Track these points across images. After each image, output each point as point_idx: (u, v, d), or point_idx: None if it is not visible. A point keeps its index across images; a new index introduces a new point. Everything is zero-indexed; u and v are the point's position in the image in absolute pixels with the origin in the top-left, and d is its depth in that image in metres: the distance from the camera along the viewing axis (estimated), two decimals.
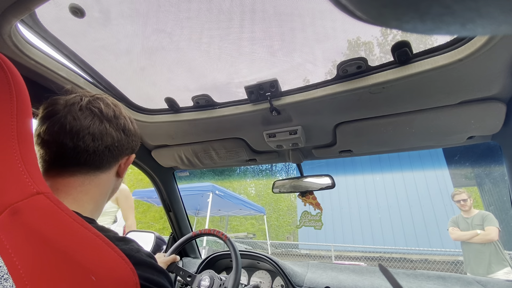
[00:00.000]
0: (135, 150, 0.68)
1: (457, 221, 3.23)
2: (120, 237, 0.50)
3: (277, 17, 0.74)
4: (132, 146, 0.65)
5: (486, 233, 2.92)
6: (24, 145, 0.41)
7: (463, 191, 3.21)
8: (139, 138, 0.68)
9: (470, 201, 3.16)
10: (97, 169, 0.58)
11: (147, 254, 0.50)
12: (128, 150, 0.64)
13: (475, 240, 2.97)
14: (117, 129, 0.59)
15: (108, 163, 0.60)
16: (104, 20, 0.76)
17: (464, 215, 3.19)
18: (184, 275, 1.17)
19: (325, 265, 1.41)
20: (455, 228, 3.20)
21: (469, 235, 3.02)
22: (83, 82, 0.87)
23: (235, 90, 1.02)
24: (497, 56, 0.64)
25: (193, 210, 9.13)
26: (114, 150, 0.59)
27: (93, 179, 0.57)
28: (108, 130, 0.57)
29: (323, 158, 1.26)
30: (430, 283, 1.14)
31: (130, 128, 0.63)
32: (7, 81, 0.40)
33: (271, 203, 16.84)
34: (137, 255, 0.47)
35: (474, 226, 3.04)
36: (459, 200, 3.18)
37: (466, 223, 3.13)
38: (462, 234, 3.10)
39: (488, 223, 2.95)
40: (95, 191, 0.58)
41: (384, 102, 0.84)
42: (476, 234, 2.97)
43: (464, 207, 3.15)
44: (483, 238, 2.92)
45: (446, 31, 0.16)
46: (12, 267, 0.36)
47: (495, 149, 5.02)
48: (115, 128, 0.59)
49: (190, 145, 1.26)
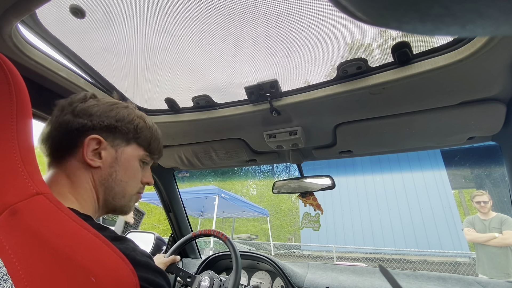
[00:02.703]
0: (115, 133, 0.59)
1: (473, 222, 3.15)
2: (116, 236, 0.49)
3: (277, 17, 0.74)
4: (94, 125, 0.57)
5: (504, 237, 2.84)
6: (24, 146, 0.41)
7: (484, 193, 3.13)
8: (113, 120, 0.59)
9: (490, 203, 3.09)
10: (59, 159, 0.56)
11: (143, 254, 0.49)
12: (89, 132, 0.56)
13: (492, 243, 2.90)
14: (66, 113, 0.56)
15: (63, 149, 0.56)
16: (104, 20, 0.76)
17: (481, 216, 3.11)
18: (184, 276, 1.16)
19: (325, 266, 1.40)
20: (471, 229, 3.12)
21: (486, 238, 2.95)
22: (83, 83, 0.87)
23: (235, 90, 1.02)
24: (497, 56, 0.64)
25: (197, 212, 9.20)
26: (61, 135, 0.55)
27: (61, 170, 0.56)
28: (55, 118, 0.56)
29: (323, 158, 1.26)
30: (430, 284, 1.14)
31: (82, 108, 0.57)
32: (7, 81, 0.40)
33: (272, 204, 16.84)
34: (132, 254, 0.46)
35: (492, 229, 2.97)
36: (480, 202, 3.10)
37: (483, 224, 3.06)
38: (479, 236, 3.01)
39: (507, 227, 2.88)
40: (65, 183, 0.55)
41: (384, 102, 0.84)
42: (493, 237, 2.89)
43: (484, 209, 3.08)
44: (501, 242, 2.84)
45: (446, 32, 0.16)
46: (12, 268, 0.35)
47: (494, 150, 5.01)
48: (65, 113, 0.56)
49: (190, 146, 1.26)
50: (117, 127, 0.59)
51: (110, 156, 0.59)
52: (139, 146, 0.64)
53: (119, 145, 0.60)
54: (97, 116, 0.57)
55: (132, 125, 0.62)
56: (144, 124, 0.64)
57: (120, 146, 0.61)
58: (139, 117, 0.64)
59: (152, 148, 0.67)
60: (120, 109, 0.61)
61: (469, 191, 9.88)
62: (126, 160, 0.61)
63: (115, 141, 0.60)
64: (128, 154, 0.62)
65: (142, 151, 0.65)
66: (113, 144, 0.60)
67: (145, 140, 0.65)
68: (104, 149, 0.58)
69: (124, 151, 0.61)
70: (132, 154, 0.62)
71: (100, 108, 0.59)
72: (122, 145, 0.61)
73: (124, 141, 0.61)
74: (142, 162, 0.66)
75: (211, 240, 7.87)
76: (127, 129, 0.61)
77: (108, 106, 0.60)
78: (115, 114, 0.60)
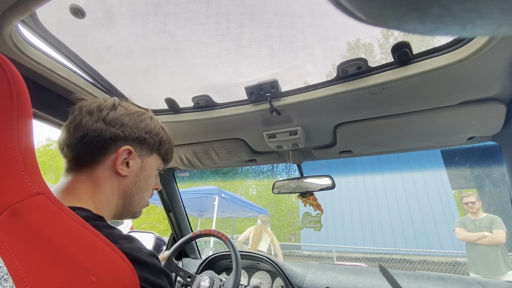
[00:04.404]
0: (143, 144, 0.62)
1: (464, 222, 3.30)
2: (124, 235, 0.50)
3: (277, 17, 0.74)
4: (126, 136, 0.58)
5: (494, 236, 2.98)
6: (25, 146, 0.41)
7: (472, 194, 3.29)
8: (143, 131, 0.62)
9: (478, 204, 3.24)
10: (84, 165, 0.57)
11: (149, 254, 0.50)
12: (121, 142, 0.58)
13: (483, 242, 3.04)
14: (97, 120, 0.57)
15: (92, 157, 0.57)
16: (104, 20, 0.76)
17: (471, 217, 3.26)
18: (184, 276, 1.16)
19: (325, 266, 1.41)
20: (462, 229, 3.27)
21: (476, 237, 3.09)
22: (83, 83, 0.87)
23: (235, 90, 1.02)
24: (497, 56, 0.64)
25: (197, 212, 9.21)
26: (91, 142, 0.56)
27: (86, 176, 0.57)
28: (84, 122, 0.56)
29: (323, 158, 1.26)
30: (430, 284, 1.14)
31: (114, 117, 0.58)
32: (7, 81, 0.40)
33: (272, 204, 16.83)
34: (138, 255, 0.46)
35: (482, 228, 3.11)
36: (468, 202, 3.26)
37: (473, 224, 3.20)
38: (470, 235, 3.16)
39: (496, 226, 3.03)
40: (88, 188, 0.56)
41: (384, 102, 0.84)
42: (484, 236, 3.04)
43: (472, 209, 3.23)
44: (491, 241, 2.98)
45: (446, 32, 0.16)
46: (12, 268, 0.35)
47: (494, 150, 5.02)
48: (96, 119, 0.57)
49: (190, 146, 1.26)
50: (146, 139, 0.63)
51: (137, 165, 0.62)
52: (159, 156, 0.68)
53: (145, 156, 0.64)
54: (129, 127, 0.60)
55: (158, 137, 0.65)
56: (166, 137, 0.68)
57: (146, 156, 0.64)
58: (162, 129, 0.68)
59: (168, 158, 0.71)
60: (148, 121, 0.64)
61: (469, 191, 9.89)
62: (149, 169, 0.65)
63: (142, 151, 0.63)
64: (150, 164, 0.65)
65: (160, 161, 0.69)
66: (140, 154, 0.63)
67: (165, 151, 0.69)
68: (133, 159, 0.61)
69: (148, 161, 0.65)
70: (153, 164, 0.66)
71: (131, 119, 0.61)
72: (147, 155, 0.64)
73: (149, 151, 0.65)
74: (157, 170, 0.70)
75: (211, 240, 7.87)
76: (154, 141, 0.64)
77: (137, 117, 0.63)
78: (144, 126, 0.63)
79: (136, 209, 0.66)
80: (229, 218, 12.91)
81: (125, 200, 0.62)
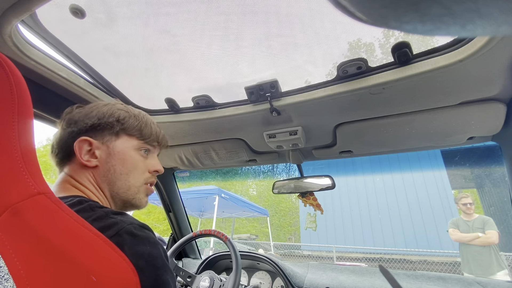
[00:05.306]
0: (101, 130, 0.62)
1: (457, 223, 3.37)
2: (116, 211, 0.52)
3: (277, 17, 0.74)
4: (80, 129, 0.60)
5: (487, 236, 3.05)
6: (25, 146, 0.41)
7: (469, 195, 3.36)
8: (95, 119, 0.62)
9: (473, 205, 3.31)
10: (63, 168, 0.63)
11: (141, 226, 0.51)
12: (78, 136, 0.60)
13: (476, 242, 3.10)
14: (63, 127, 0.63)
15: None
16: (104, 20, 0.76)
17: (464, 218, 3.32)
18: (184, 276, 1.16)
19: (325, 266, 1.41)
20: (456, 230, 3.34)
21: (470, 237, 3.15)
22: (83, 83, 0.87)
23: (235, 90, 1.02)
24: (497, 56, 0.64)
25: (197, 212, 9.19)
26: (61, 148, 0.62)
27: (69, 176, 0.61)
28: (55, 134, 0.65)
29: (323, 158, 1.26)
30: (430, 284, 1.14)
31: (69, 118, 0.63)
32: (8, 81, 0.40)
33: (272, 204, 16.83)
34: (129, 227, 0.48)
35: (475, 229, 3.17)
36: (466, 204, 3.32)
37: (466, 225, 3.27)
38: (463, 236, 3.23)
39: (489, 227, 3.10)
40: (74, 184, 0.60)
41: (384, 102, 0.84)
42: (477, 236, 3.10)
43: (469, 210, 3.30)
44: (484, 241, 3.05)
45: (446, 32, 0.16)
46: (13, 267, 0.36)
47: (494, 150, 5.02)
48: (63, 128, 0.63)
49: (190, 146, 1.26)
50: (100, 124, 0.61)
51: (104, 153, 0.61)
52: (130, 136, 0.65)
53: (109, 141, 0.62)
54: (81, 121, 0.61)
55: (113, 118, 0.63)
56: (126, 114, 0.65)
57: (110, 141, 0.62)
58: (120, 109, 0.65)
59: (146, 134, 0.67)
60: (100, 108, 0.64)
61: (469, 191, 9.89)
62: (121, 152, 0.62)
63: (104, 137, 0.62)
64: (120, 146, 0.63)
65: (135, 140, 0.65)
66: (103, 141, 0.62)
67: (134, 129, 0.65)
68: (97, 148, 0.61)
69: (116, 145, 0.62)
70: (125, 146, 0.63)
71: (82, 112, 0.63)
72: (112, 139, 0.62)
73: (113, 135, 0.63)
74: (142, 151, 0.66)
75: (211, 240, 7.86)
76: (111, 123, 0.62)
77: (88, 108, 0.64)
78: (96, 113, 0.62)
79: (128, 195, 0.63)
80: (229, 218, 12.90)
81: (110, 189, 0.61)
